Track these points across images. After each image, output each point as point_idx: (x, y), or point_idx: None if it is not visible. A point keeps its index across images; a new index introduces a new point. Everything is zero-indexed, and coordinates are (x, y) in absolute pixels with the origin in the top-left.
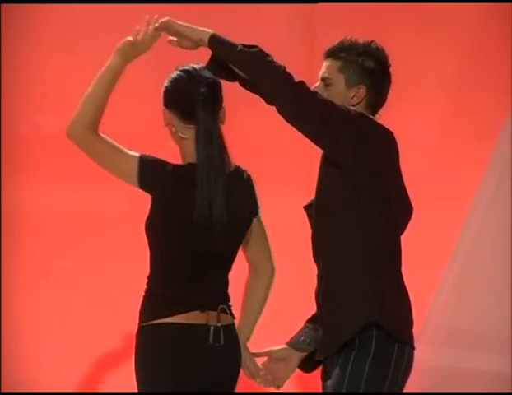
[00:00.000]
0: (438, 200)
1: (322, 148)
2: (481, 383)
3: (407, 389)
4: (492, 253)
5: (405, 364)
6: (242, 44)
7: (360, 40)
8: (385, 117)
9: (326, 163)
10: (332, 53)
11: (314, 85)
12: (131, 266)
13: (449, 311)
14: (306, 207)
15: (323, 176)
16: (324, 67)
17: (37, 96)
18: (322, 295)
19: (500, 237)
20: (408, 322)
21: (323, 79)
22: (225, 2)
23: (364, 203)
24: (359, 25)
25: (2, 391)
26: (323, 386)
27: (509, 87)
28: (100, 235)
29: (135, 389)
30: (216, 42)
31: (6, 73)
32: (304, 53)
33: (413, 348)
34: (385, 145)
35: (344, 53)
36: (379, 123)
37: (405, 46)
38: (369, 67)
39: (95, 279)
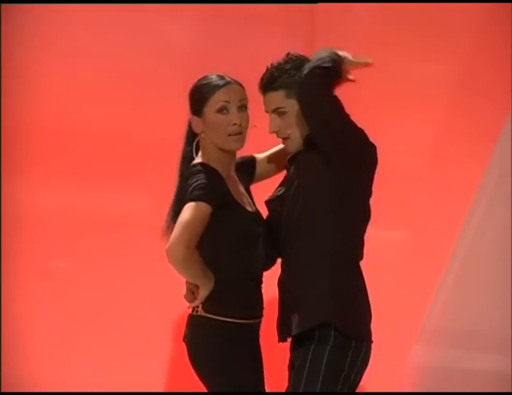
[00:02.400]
0: (438, 200)
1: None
2: (481, 383)
3: (407, 389)
4: (492, 253)
5: (361, 359)
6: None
7: (281, 61)
8: (385, 117)
9: (311, 166)
10: (268, 87)
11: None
12: (131, 266)
13: (449, 311)
14: (268, 202)
15: (302, 176)
16: (268, 101)
17: (37, 96)
18: (285, 285)
19: (500, 237)
20: (365, 319)
21: (274, 110)
22: (225, 3)
23: (343, 206)
24: (359, 26)
25: (2, 391)
26: (289, 375)
27: (509, 87)
28: (100, 235)
29: (135, 389)
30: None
31: (6, 73)
32: (304, 53)
33: (371, 342)
34: (371, 156)
35: (278, 81)
36: (367, 137)
37: (405, 46)
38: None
39: (96, 279)
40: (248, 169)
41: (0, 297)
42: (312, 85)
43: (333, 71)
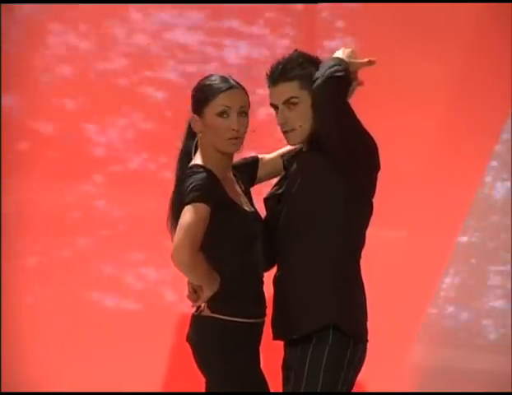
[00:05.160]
0: (437, 200)
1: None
2: (481, 382)
3: (407, 389)
4: (492, 253)
5: (359, 357)
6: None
7: (292, 55)
8: (385, 117)
9: (317, 167)
10: (281, 78)
11: (276, 116)
12: (131, 265)
13: (449, 311)
14: (266, 200)
15: (307, 176)
16: (279, 92)
17: (37, 96)
18: (283, 282)
19: (500, 237)
20: (363, 319)
21: (285, 101)
22: (226, 3)
23: (349, 207)
24: (359, 26)
25: (2, 391)
26: (283, 375)
27: (509, 87)
28: (100, 235)
29: (135, 389)
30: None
31: (7, 73)
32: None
33: (367, 342)
34: (377, 158)
35: (292, 72)
36: (374, 140)
37: (405, 46)
38: (312, 71)
39: (96, 278)
40: (250, 171)
41: (0, 297)
42: (328, 96)
43: (346, 79)
